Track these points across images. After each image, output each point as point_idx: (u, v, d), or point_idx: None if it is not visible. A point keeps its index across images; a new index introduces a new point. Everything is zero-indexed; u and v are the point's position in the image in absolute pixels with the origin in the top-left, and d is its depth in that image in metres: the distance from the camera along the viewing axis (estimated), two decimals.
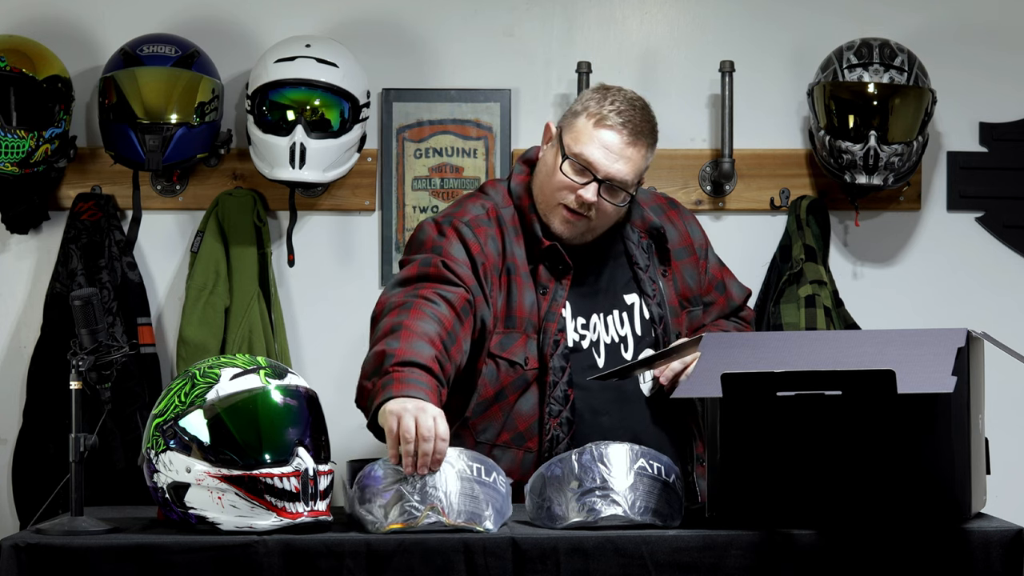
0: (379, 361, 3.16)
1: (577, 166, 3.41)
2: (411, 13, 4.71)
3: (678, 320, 3.55)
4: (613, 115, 3.41)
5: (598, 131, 3.41)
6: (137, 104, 4.45)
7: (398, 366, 3.12)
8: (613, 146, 3.41)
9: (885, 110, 4.50)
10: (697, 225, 3.67)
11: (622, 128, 3.41)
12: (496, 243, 3.47)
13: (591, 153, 3.40)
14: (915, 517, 3.00)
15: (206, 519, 2.95)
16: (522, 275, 3.45)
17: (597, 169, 3.40)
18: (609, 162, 3.40)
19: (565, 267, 3.46)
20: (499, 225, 3.48)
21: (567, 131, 3.45)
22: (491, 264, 3.44)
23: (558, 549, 2.92)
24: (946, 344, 3.00)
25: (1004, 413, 4.20)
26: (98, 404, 4.27)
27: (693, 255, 3.61)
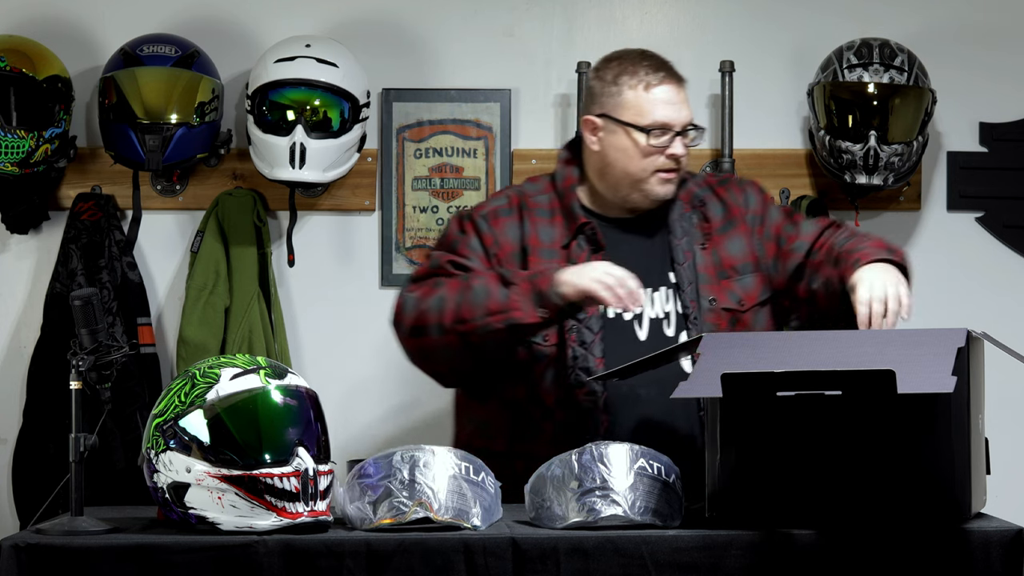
0: (497, 284, 3.41)
1: (657, 132, 3.53)
2: (411, 13, 4.72)
3: (714, 287, 3.54)
4: (652, 73, 3.56)
5: (652, 93, 3.55)
6: (137, 104, 4.45)
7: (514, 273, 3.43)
8: (672, 98, 3.56)
9: (885, 110, 4.50)
10: (755, 192, 3.68)
11: (667, 79, 3.57)
12: (515, 230, 3.57)
13: (662, 115, 3.54)
14: (915, 517, 2.99)
15: (206, 519, 2.95)
16: (542, 253, 3.54)
17: (673, 125, 3.55)
18: (677, 113, 3.56)
19: (597, 246, 3.55)
20: (521, 212, 3.59)
21: (621, 111, 3.56)
22: (507, 252, 3.54)
23: (558, 549, 2.92)
24: (946, 344, 3.00)
25: (1004, 413, 4.20)
26: (98, 404, 4.27)
27: (741, 225, 3.62)
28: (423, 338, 3.48)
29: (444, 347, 3.47)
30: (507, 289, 3.40)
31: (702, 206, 3.62)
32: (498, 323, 3.40)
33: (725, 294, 3.56)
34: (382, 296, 4.69)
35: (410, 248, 4.69)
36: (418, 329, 3.48)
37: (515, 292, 3.39)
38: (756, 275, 3.59)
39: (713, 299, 3.54)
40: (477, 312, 3.41)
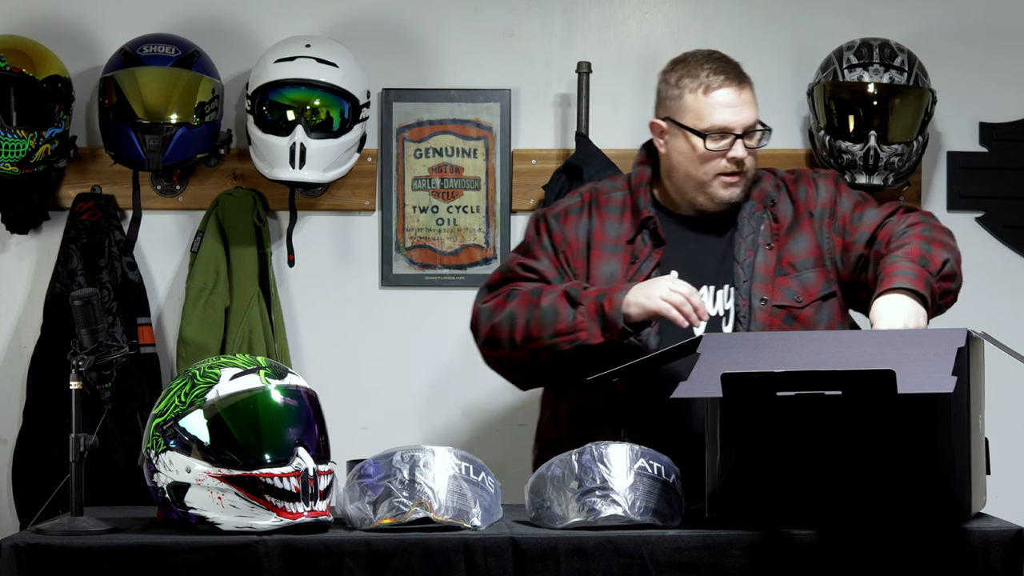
0: (565, 304, 3.45)
1: (716, 136, 3.56)
2: (411, 13, 4.71)
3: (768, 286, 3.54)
4: (713, 75, 3.58)
5: (711, 97, 3.57)
6: (137, 104, 4.45)
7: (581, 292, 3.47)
8: (733, 101, 3.57)
9: (885, 110, 4.50)
10: (827, 184, 3.66)
11: (728, 82, 3.58)
12: (583, 226, 3.64)
13: (721, 119, 3.56)
14: (915, 517, 2.99)
15: (206, 519, 2.95)
16: (606, 247, 3.61)
17: (733, 128, 3.56)
18: (738, 116, 3.57)
19: (658, 240, 3.59)
20: (591, 209, 3.66)
21: (682, 114, 3.59)
22: (574, 249, 3.62)
23: (558, 549, 2.92)
24: (946, 344, 3.00)
25: (1004, 413, 4.20)
26: (98, 404, 4.26)
27: (806, 220, 3.62)
28: (496, 351, 3.59)
29: (515, 361, 3.57)
30: (574, 309, 3.45)
31: (773, 206, 3.63)
32: (565, 344, 3.47)
33: (780, 292, 3.56)
34: (382, 296, 4.70)
35: (410, 248, 4.69)
36: (491, 341, 3.58)
37: (581, 313, 3.44)
38: (818, 270, 3.59)
39: (764, 298, 3.54)
40: (545, 332, 3.48)
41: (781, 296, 3.55)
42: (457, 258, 4.70)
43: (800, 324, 3.54)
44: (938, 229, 3.54)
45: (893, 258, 3.43)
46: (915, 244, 3.46)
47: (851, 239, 3.59)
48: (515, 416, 4.68)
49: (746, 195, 3.62)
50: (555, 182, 4.56)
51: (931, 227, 3.53)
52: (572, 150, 4.62)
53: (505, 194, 4.68)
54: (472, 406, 4.68)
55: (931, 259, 3.43)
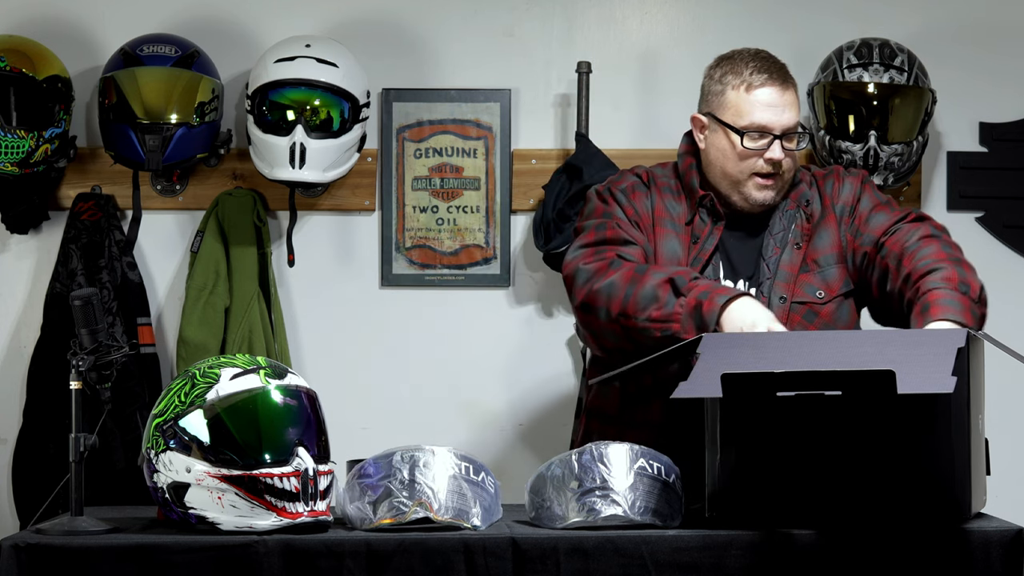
0: (668, 289, 3.37)
1: (754, 135, 3.56)
2: (411, 13, 4.71)
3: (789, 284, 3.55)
4: (756, 74, 3.58)
5: (753, 95, 3.57)
6: (137, 104, 4.45)
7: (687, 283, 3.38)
8: (774, 101, 3.57)
9: (885, 110, 4.50)
10: (852, 181, 3.66)
11: (770, 81, 3.58)
12: (648, 202, 3.63)
13: (760, 118, 3.56)
14: (915, 517, 3.00)
15: (206, 519, 2.95)
16: (668, 225, 3.60)
17: (772, 128, 3.56)
18: (778, 116, 3.56)
19: (718, 215, 3.59)
20: (651, 186, 3.66)
21: (722, 111, 3.59)
22: (645, 223, 3.60)
23: (558, 549, 2.93)
24: (946, 344, 3.00)
25: (1004, 413, 4.20)
26: (98, 404, 4.27)
27: (831, 215, 3.63)
28: (590, 315, 3.51)
29: (608, 331, 3.49)
30: (676, 299, 3.38)
31: (807, 206, 3.63)
32: (657, 331, 3.39)
33: (802, 288, 3.56)
34: (382, 296, 4.70)
35: (410, 248, 4.69)
36: (587, 307, 3.50)
37: (680, 305, 3.37)
38: (840, 266, 3.60)
39: (783, 296, 3.54)
40: (641, 314, 3.41)
41: (803, 293, 3.55)
42: (457, 258, 4.70)
43: (821, 320, 3.54)
44: (956, 248, 3.53)
45: (933, 284, 3.37)
46: (951, 269, 3.41)
47: (860, 240, 3.59)
48: (515, 416, 4.68)
49: (783, 197, 3.62)
50: (555, 182, 4.56)
51: (950, 245, 3.52)
52: (572, 150, 4.62)
53: (505, 194, 4.68)
54: (472, 406, 4.68)
55: (971, 285, 3.40)
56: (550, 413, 4.58)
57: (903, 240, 3.51)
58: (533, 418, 4.66)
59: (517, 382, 4.69)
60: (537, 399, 4.69)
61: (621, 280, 3.45)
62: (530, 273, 4.68)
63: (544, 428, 4.61)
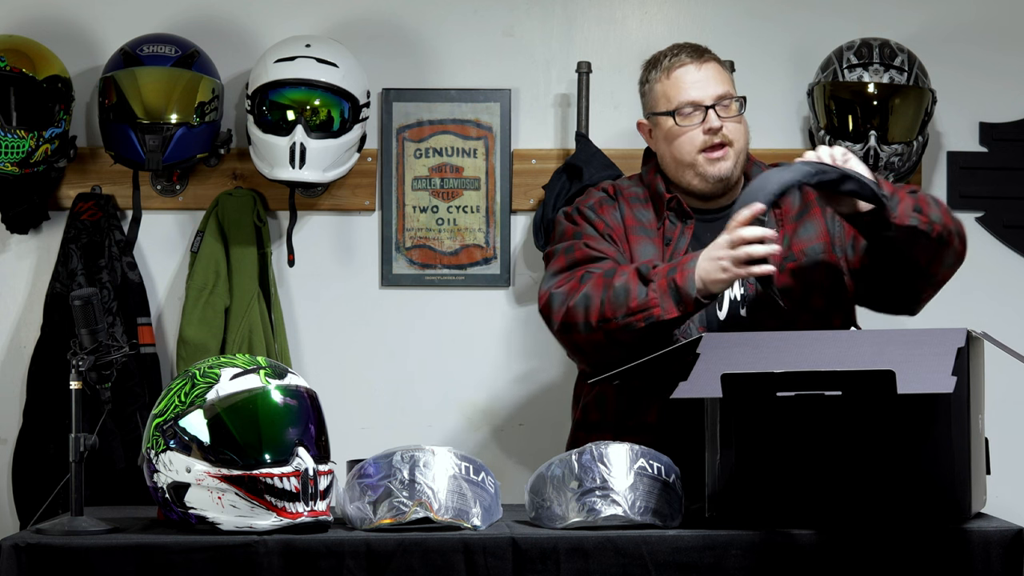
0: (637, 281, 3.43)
1: (686, 111, 3.64)
2: (411, 13, 4.71)
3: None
4: (671, 59, 3.69)
5: (673, 77, 3.67)
6: (137, 104, 4.45)
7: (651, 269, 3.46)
8: (693, 75, 3.67)
9: (885, 110, 4.50)
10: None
11: (685, 60, 3.68)
12: (617, 213, 3.70)
13: (686, 95, 3.65)
14: (915, 517, 3.00)
15: (206, 519, 2.95)
16: (641, 232, 3.66)
17: (701, 101, 3.64)
18: (702, 89, 3.65)
19: (686, 214, 3.65)
20: (618, 198, 3.73)
21: (655, 104, 3.70)
22: (618, 234, 3.67)
23: (558, 549, 2.93)
24: (946, 344, 3.00)
25: (1004, 413, 4.20)
26: (98, 404, 4.27)
27: (814, 208, 3.67)
28: (572, 334, 3.54)
29: (593, 343, 3.51)
30: (646, 287, 3.43)
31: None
32: (640, 322, 3.43)
33: (786, 276, 3.58)
34: (382, 296, 4.70)
35: (410, 248, 4.69)
36: (567, 326, 3.53)
37: (653, 290, 3.42)
38: (827, 256, 3.62)
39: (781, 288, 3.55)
40: (619, 311, 3.44)
41: (790, 280, 3.56)
42: (457, 258, 4.69)
43: (809, 309, 3.54)
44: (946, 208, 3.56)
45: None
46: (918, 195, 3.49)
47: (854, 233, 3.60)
48: (515, 416, 4.68)
49: (745, 175, 3.68)
50: (555, 182, 4.56)
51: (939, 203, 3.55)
52: (572, 150, 4.62)
53: (505, 194, 4.68)
54: (472, 406, 4.68)
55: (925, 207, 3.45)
56: (550, 413, 4.58)
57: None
58: (533, 418, 4.66)
59: (517, 382, 4.68)
60: (537, 399, 4.69)
61: (593, 289, 3.50)
62: (530, 273, 4.67)
63: (544, 428, 4.61)
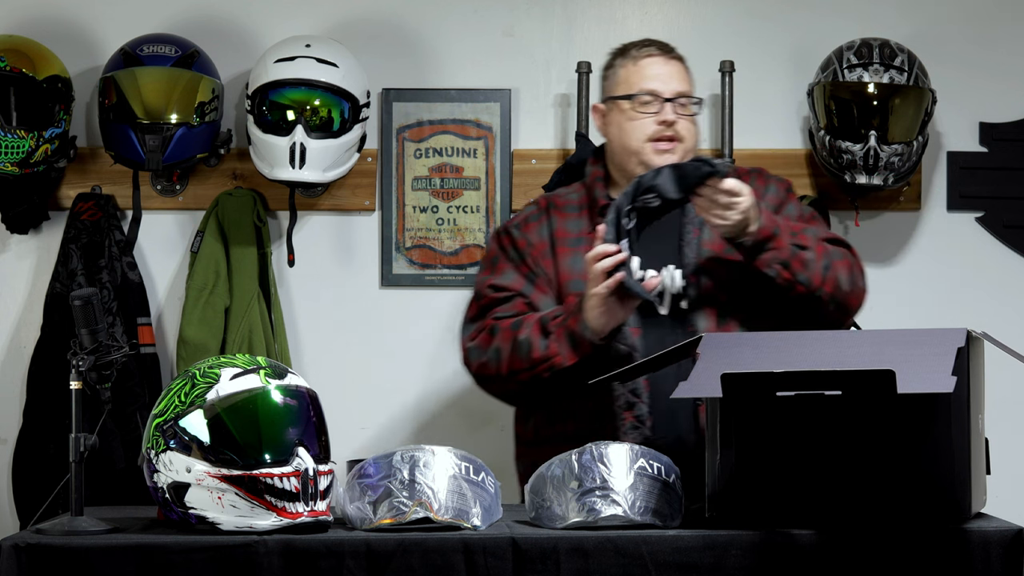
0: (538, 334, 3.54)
1: (645, 98, 3.68)
2: (411, 13, 4.71)
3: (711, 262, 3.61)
4: (642, 49, 3.74)
5: (639, 65, 3.72)
6: (137, 104, 4.45)
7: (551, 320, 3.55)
8: (660, 69, 3.72)
9: (885, 110, 4.50)
10: (779, 188, 3.75)
11: (655, 53, 3.73)
12: (544, 229, 3.73)
13: (648, 84, 3.69)
14: (915, 517, 3.00)
15: (206, 519, 2.95)
16: (571, 243, 3.68)
17: (661, 92, 3.69)
18: (665, 83, 3.70)
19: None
20: (549, 211, 3.75)
21: (615, 88, 3.74)
22: (540, 250, 3.70)
23: (558, 549, 2.92)
24: (946, 344, 3.00)
25: (1004, 413, 4.20)
26: (98, 404, 4.27)
27: None
28: (490, 385, 3.70)
29: (510, 392, 3.69)
30: (546, 339, 3.53)
31: None
32: (544, 372, 3.55)
33: (715, 266, 3.62)
34: (382, 296, 4.70)
35: (410, 248, 4.69)
36: (482, 379, 3.69)
37: (553, 340, 3.52)
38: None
39: (710, 273, 3.60)
40: (525, 364, 3.57)
41: (728, 272, 3.60)
42: (457, 258, 4.70)
43: (739, 302, 3.59)
44: (849, 262, 3.61)
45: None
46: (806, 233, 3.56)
47: None
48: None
49: None
50: (555, 182, 4.56)
51: (847, 256, 3.61)
52: (572, 150, 4.62)
53: (505, 194, 4.68)
54: (472, 406, 4.67)
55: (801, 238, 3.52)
56: None
57: None
58: None
59: None
60: None
61: (501, 343, 3.60)
62: None
63: None
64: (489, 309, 3.68)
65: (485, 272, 3.76)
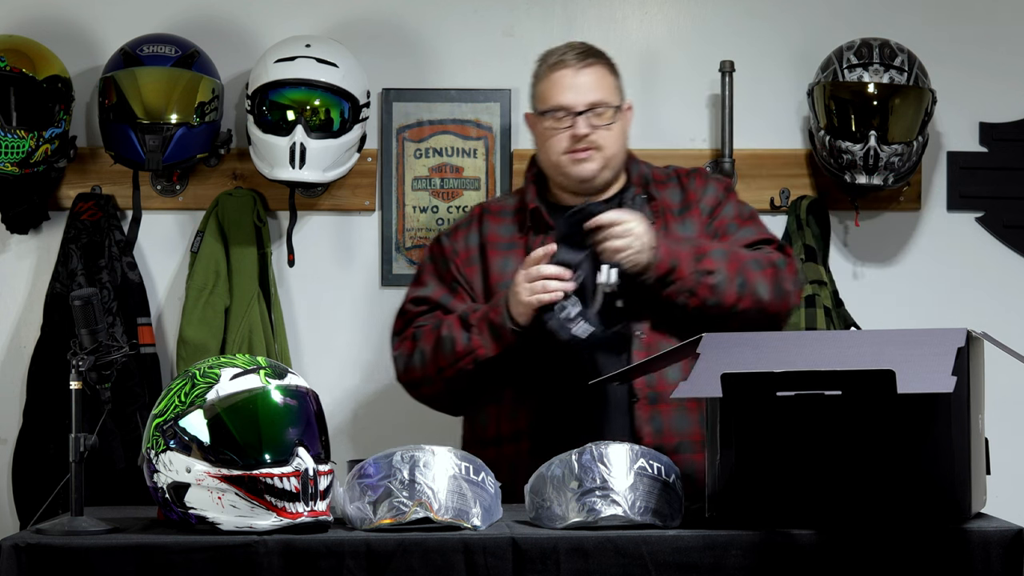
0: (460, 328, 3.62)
1: (558, 114, 3.71)
2: (411, 13, 4.71)
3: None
4: (554, 59, 3.76)
5: (550, 78, 3.74)
6: (137, 104, 4.45)
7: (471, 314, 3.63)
8: (569, 81, 3.72)
9: (885, 110, 4.50)
10: (718, 188, 3.80)
11: (565, 64, 3.73)
12: (475, 235, 3.80)
13: (558, 98, 3.71)
14: (915, 517, 3.00)
15: (206, 519, 2.95)
16: (500, 247, 3.76)
17: (572, 106, 3.70)
18: (574, 95, 3.70)
19: (547, 226, 3.73)
20: (482, 217, 3.82)
21: (534, 101, 3.79)
22: (463, 258, 3.79)
23: (558, 549, 2.92)
24: (946, 344, 3.00)
25: (1004, 413, 4.20)
26: (98, 404, 4.27)
27: (694, 210, 3.75)
28: (419, 390, 3.79)
29: (438, 394, 3.78)
30: (468, 332, 3.63)
31: (656, 184, 3.77)
32: (468, 364, 3.63)
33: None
34: (382, 296, 4.69)
35: (410, 248, 4.69)
36: (411, 384, 3.78)
37: (475, 333, 3.62)
38: None
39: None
40: (449, 359, 3.66)
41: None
42: None
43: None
44: (773, 269, 3.63)
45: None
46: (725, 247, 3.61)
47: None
48: None
49: (616, 175, 3.76)
50: None
51: (772, 263, 3.64)
52: None
53: None
54: None
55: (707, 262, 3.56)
56: None
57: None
58: None
59: None
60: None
61: (424, 344, 3.70)
62: None
63: None
64: (411, 322, 3.79)
65: (412, 285, 3.87)
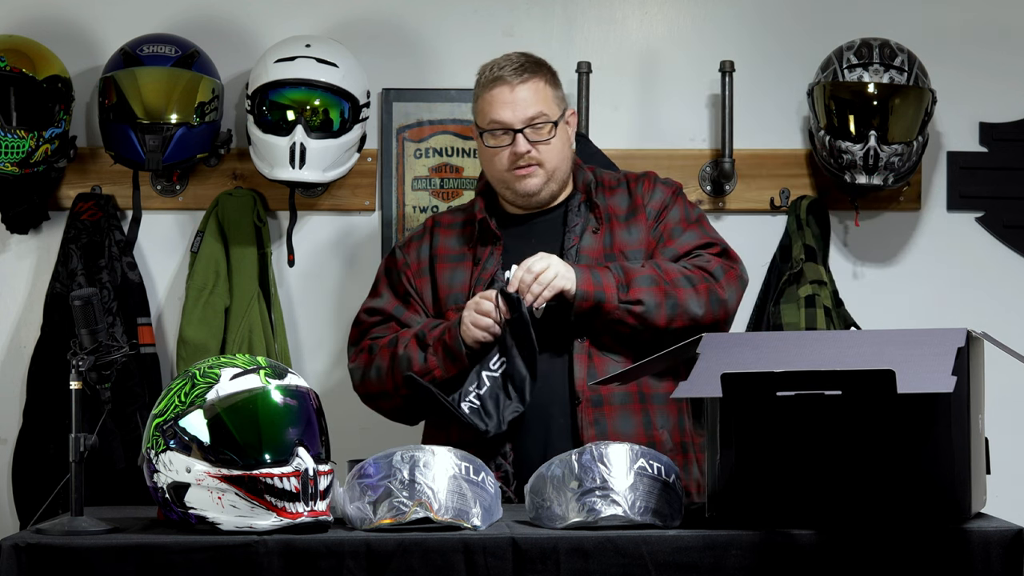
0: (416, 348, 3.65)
1: (496, 132, 3.71)
2: (411, 13, 4.72)
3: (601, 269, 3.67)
4: (491, 74, 3.73)
5: (487, 96, 3.71)
6: (137, 104, 4.45)
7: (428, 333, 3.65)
8: (505, 98, 3.70)
9: (885, 110, 4.50)
10: (665, 191, 3.81)
11: (500, 81, 3.71)
12: (426, 247, 3.83)
13: (495, 115, 3.70)
14: (915, 517, 3.00)
15: (206, 519, 2.95)
16: (452, 259, 3.77)
17: (509, 124, 3.69)
18: (511, 112, 3.69)
19: (495, 236, 3.74)
20: (434, 230, 3.85)
21: (475, 117, 3.78)
22: (414, 269, 3.82)
23: (558, 549, 2.92)
24: (946, 344, 3.00)
25: (1004, 413, 4.20)
26: (98, 404, 4.27)
27: (640, 215, 3.77)
28: (376, 403, 3.81)
29: (396, 408, 3.82)
30: (424, 352, 3.65)
31: (603, 189, 3.78)
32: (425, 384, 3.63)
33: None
34: None
35: None
36: (368, 396, 3.80)
37: (431, 354, 3.64)
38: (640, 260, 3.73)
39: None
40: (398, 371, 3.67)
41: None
42: None
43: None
44: (706, 283, 3.66)
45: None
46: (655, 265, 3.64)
47: (662, 250, 3.74)
48: None
49: (563, 185, 3.76)
50: None
51: (707, 275, 3.66)
52: None
53: None
54: None
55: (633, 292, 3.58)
56: None
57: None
58: None
59: None
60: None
61: (381, 360, 3.72)
62: None
63: None
64: (366, 333, 3.81)
65: (368, 296, 3.89)
